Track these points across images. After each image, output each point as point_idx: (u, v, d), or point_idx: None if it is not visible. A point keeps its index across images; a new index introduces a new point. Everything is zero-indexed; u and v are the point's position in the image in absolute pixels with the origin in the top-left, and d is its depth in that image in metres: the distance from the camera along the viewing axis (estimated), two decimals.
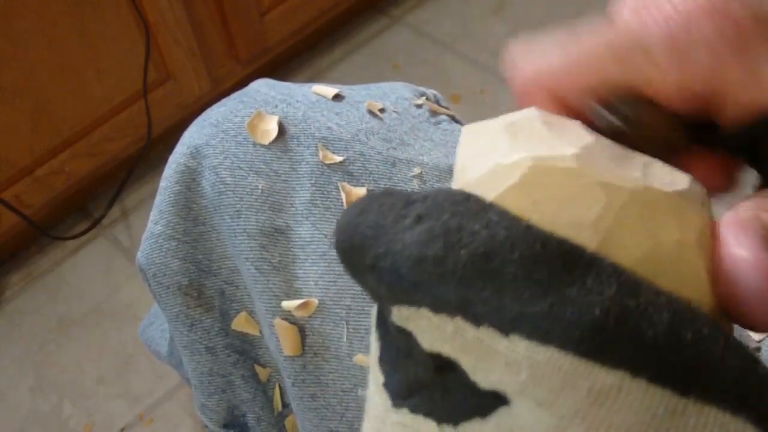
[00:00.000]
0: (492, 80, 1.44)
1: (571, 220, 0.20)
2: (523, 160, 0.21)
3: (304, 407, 0.53)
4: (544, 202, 0.20)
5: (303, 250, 0.52)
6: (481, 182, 0.21)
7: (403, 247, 0.20)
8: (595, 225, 0.20)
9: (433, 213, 0.20)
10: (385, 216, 0.21)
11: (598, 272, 0.19)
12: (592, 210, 0.20)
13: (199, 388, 0.60)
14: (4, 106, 1.06)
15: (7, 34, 1.01)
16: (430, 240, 0.19)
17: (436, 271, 0.19)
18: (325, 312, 0.51)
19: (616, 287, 0.18)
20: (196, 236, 0.56)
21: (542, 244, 0.19)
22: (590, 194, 0.20)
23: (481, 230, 0.19)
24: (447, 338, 0.20)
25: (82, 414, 1.12)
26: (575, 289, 0.18)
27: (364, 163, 0.52)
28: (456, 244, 0.19)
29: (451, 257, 0.19)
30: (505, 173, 0.21)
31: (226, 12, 1.23)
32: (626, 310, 0.18)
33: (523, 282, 0.19)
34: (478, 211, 0.20)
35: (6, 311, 1.23)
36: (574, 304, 0.18)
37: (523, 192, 0.20)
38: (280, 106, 0.55)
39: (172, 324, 0.59)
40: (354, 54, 1.51)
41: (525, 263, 0.19)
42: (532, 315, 0.18)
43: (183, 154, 0.56)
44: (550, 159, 0.21)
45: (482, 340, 0.19)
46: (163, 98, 1.23)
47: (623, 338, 0.18)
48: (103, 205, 1.29)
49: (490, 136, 0.22)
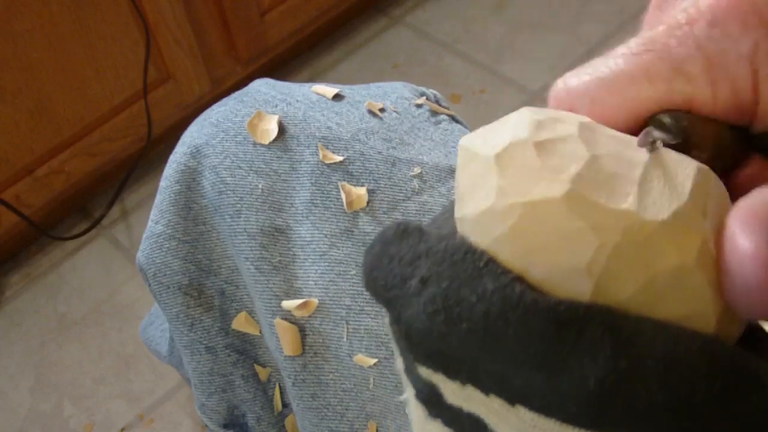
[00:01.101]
0: (492, 80, 1.44)
1: (565, 266, 0.20)
2: (513, 207, 0.21)
3: (304, 407, 0.53)
4: (536, 251, 0.20)
5: (303, 250, 0.52)
6: (477, 224, 0.21)
7: (411, 318, 0.21)
8: (589, 269, 0.20)
9: (434, 277, 0.21)
10: (394, 275, 0.22)
11: (590, 335, 0.19)
12: (584, 255, 0.20)
13: (199, 387, 0.60)
14: (4, 106, 1.06)
15: (7, 34, 1.01)
16: (434, 313, 0.20)
17: (443, 344, 0.20)
18: (325, 312, 0.51)
19: (610, 348, 0.19)
20: (196, 236, 0.56)
21: (534, 315, 0.19)
22: (581, 239, 0.20)
23: (477, 303, 0.20)
24: (464, 399, 0.21)
25: (82, 414, 1.12)
26: (570, 357, 0.19)
27: (364, 163, 0.52)
28: (456, 319, 0.20)
29: (454, 333, 0.20)
30: (496, 219, 0.21)
31: (226, 12, 1.23)
32: (620, 374, 0.18)
33: (520, 356, 0.19)
34: (474, 277, 0.20)
35: (6, 311, 1.23)
36: (570, 377, 0.19)
37: (515, 241, 0.20)
38: (280, 106, 0.55)
39: (173, 323, 0.59)
40: (354, 54, 1.51)
41: (520, 337, 0.19)
42: (532, 389, 0.19)
43: (183, 154, 0.56)
44: (540, 205, 0.20)
45: (494, 407, 0.20)
46: (163, 98, 1.23)
47: (618, 407, 0.18)
48: (103, 205, 1.29)
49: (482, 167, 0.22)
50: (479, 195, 0.22)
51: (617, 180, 0.21)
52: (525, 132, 0.22)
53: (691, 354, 0.19)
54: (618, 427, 0.19)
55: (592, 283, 0.20)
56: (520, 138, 0.22)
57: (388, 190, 0.51)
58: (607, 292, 0.20)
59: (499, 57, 1.47)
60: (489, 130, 0.23)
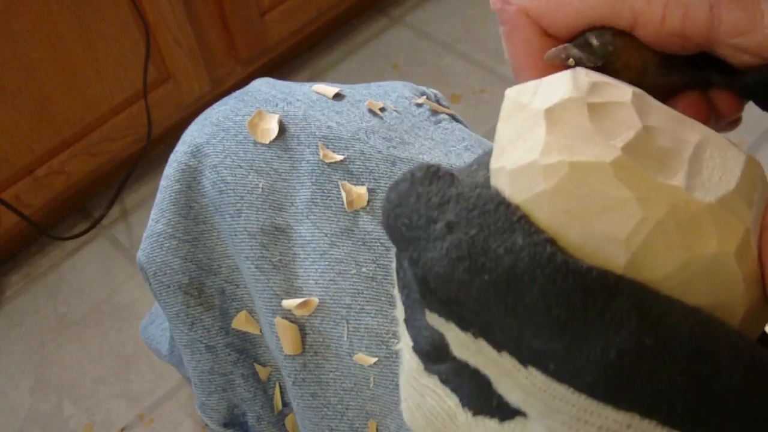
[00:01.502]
0: (492, 80, 1.44)
1: (603, 233, 0.19)
2: (559, 165, 0.20)
3: (304, 406, 0.53)
4: (577, 213, 0.20)
5: (303, 249, 0.52)
6: (517, 176, 0.21)
7: (432, 260, 0.20)
8: (627, 241, 0.19)
9: (462, 223, 0.20)
10: (420, 215, 0.21)
11: (617, 307, 0.18)
12: (625, 225, 0.19)
13: (199, 386, 0.60)
14: (4, 106, 1.06)
15: (7, 34, 1.01)
16: (457, 259, 0.20)
17: (462, 291, 0.20)
18: (326, 311, 0.51)
19: (635, 323, 0.18)
20: (196, 235, 0.56)
21: (564, 276, 0.19)
22: (626, 209, 0.19)
23: (504, 255, 0.19)
24: (472, 353, 0.21)
25: (82, 414, 1.12)
26: (594, 326, 0.18)
27: (365, 162, 0.52)
28: (480, 269, 0.19)
29: (476, 282, 0.19)
30: (539, 174, 0.20)
31: (226, 12, 1.23)
32: (642, 351, 0.18)
33: (542, 317, 0.19)
34: (504, 230, 0.20)
35: (6, 311, 1.23)
36: (591, 345, 0.18)
37: (557, 199, 0.20)
38: (281, 105, 0.55)
39: (173, 323, 0.59)
40: (354, 54, 1.51)
41: (545, 296, 0.19)
42: (549, 352, 0.19)
43: (184, 153, 0.56)
44: (587, 167, 0.20)
45: (504, 365, 0.20)
46: (163, 98, 1.23)
47: (636, 383, 0.18)
48: (103, 205, 1.29)
49: (530, 119, 0.21)
50: (522, 148, 0.21)
51: (667, 154, 0.21)
52: (579, 91, 0.21)
53: (716, 343, 0.19)
54: (631, 403, 0.18)
55: (628, 255, 0.19)
56: (573, 96, 0.21)
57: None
58: (642, 267, 0.19)
59: (499, 57, 1.47)
60: (540, 84, 0.23)
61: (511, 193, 0.21)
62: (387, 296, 0.49)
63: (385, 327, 0.49)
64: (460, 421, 0.21)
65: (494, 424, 0.21)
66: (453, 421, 0.22)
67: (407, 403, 0.23)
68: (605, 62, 0.23)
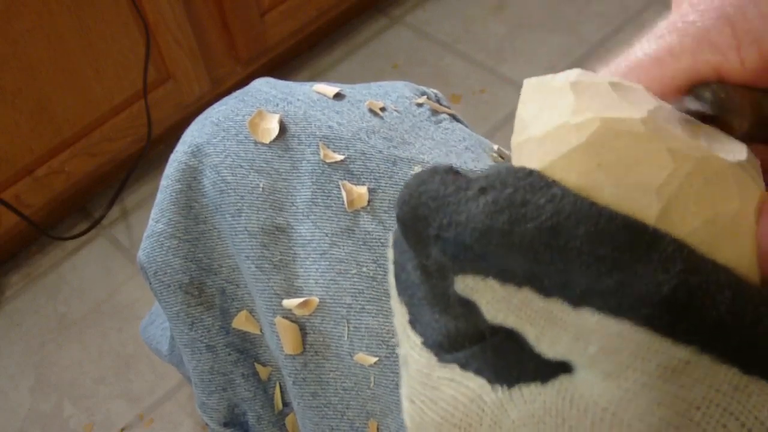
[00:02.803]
0: (492, 80, 1.44)
1: (636, 183, 0.20)
2: (590, 121, 0.20)
3: (304, 406, 0.53)
4: (610, 164, 0.20)
5: (304, 249, 0.52)
6: (546, 139, 0.21)
7: (467, 218, 0.20)
8: (660, 191, 0.20)
9: (497, 185, 0.20)
10: (447, 187, 0.21)
11: (662, 249, 0.19)
12: (658, 176, 0.20)
13: (199, 386, 0.60)
14: (4, 106, 1.06)
15: (7, 34, 1.01)
16: (495, 212, 0.20)
17: (504, 243, 0.19)
18: (326, 310, 0.51)
19: (681, 264, 0.19)
20: (197, 235, 0.56)
21: (607, 220, 0.19)
22: (657, 160, 0.20)
23: (546, 204, 0.19)
24: (513, 309, 0.20)
25: (82, 414, 1.12)
26: (642, 266, 0.19)
27: (365, 162, 0.52)
28: (522, 218, 0.19)
29: (518, 230, 0.19)
30: (571, 132, 0.21)
31: (226, 12, 1.23)
32: (692, 288, 0.18)
33: (589, 257, 0.19)
34: (542, 187, 0.20)
35: (6, 311, 1.23)
36: (642, 281, 0.18)
37: (590, 153, 0.20)
38: (281, 105, 0.55)
39: (173, 322, 0.59)
40: (354, 54, 1.51)
41: (591, 239, 0.19)
42: (601, 289, 0.19)
43: (184, 153, 0.56)
44: (618, 121, 0.20)
45: (551, 311, 0.20)
46: (163, 98, 1.23)
47: (692, 315, 0.18)
48: (103, 205, 1.29)
49: (554, 93, 0.22)
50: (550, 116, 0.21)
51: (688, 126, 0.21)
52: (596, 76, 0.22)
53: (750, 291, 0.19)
54: (689, 335, 0.18)
55: (659, 206, 0.20)
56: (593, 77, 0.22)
57: (389, 189, 0.51)
58: (672, 219, 0.20)
59: (499, 57, 1.47)
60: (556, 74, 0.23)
61: (540, 157, 0.21)
62: (387, 296, 0.49)
63: (386, 327, 0.49)
64: (489, 402, 0.21)
65: (535, 389, 0.20)
66: (478, 405, 0.21)
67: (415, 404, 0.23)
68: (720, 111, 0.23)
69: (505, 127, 1.36)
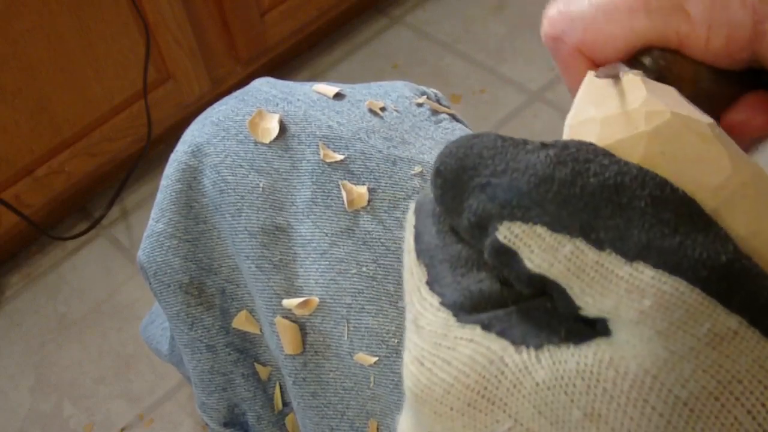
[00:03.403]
0: (492, 80, 1.44)
1: (694, 179, 0.20)
2: (662, 112, 0.21)
3: (304, 405, 0.53)
4: (673, 155, 0.20)
5: (304, 249, 0.52)
6: (612, 120, 0.21)
7: (527, 166, 0.20)
8: (715, 191, 0.20)
9: (558, 145, 0.20)
10: (505, 141, 0.21)
11: (716, 230, 0.19)
12: (716, 177, 0.20)
13: (199, 386, 0.60)
14: (4, 106, 1.06)
15: (7, 34, 1.01)
16: (558, 164, 0.20)
17: (563, 192, 0.19)
18: (326, 310, 0.51)
19: (733, 247, 0.19)
20: (197, 234, 0.56)
21: (672, 190, 0.19)
22: (718, 162, 0.20)
23: (610, 165, 0.19)
24: (560, 259, 0.20)
25: (82, 414, 1.12)
26: (701, 236, 0.19)
27: (365, 162, 0.52)
28: (585, 172, 0.19)
29: (580, 182, 0.19)
30: (640, 118, 0.21)
31: (226, 12, 1.23)
32: (745, 268, 0.19)
33: (651, 218, 0.19)
34: (605, 154, 0.20)
35: (6, 311, 1.23)
36: (702, 247, 0.19)
37: (655, 140, 0.21)
38: (281, 105, 0.55)
39: (173, 322, 0.59)
40: (354, 54, 1.51)
41: (654, 201, 0.19)
42: (661, 247, 0.19)
43: (184, 153, 0.56)
44: (688, 119, 0.21)
45: (603, 264, 0.19)
46: (163, 98, 1.23)
47: (746, 287, 0.19)
48: (103, 205, 1.29)
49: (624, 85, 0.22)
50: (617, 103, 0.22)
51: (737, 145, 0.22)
52: None
53: None
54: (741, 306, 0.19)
55: (713, 205, 0.20)
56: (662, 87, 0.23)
57: (389, 189, 0.51)
58: (721, 222, 0.20)
59: (499, 57, 1.48)
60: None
61: (603, 136, 0.21)
62: (387, 296, 0.49)
63: (386, 327, 0.49)
64: (511, 363, 0.20)
65: (566, 351, 0.20)
66: (497, 367, 0.20)
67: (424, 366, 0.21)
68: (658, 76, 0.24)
69: (505, 127, 1.36)
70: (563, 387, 0.19)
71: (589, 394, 0.19)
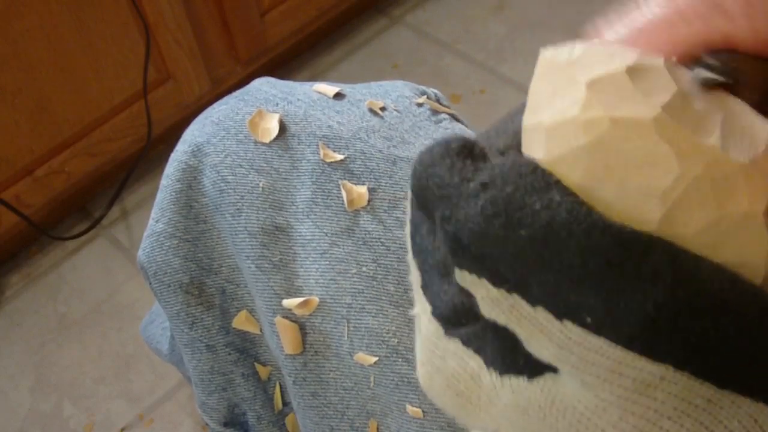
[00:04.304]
0: (492, 80, 1.44)
1: (640, 187, 0.20)
2: (600, 120, 0.20)
3: (304, 405, 0.53)
4: (616, 167, 0.20)
5: (304, 248, 0.52)
6: (555, 131, 0.21)
7: (466, 217, 0.20)
8: (664, 196, 0.20)
9: (497, 182, 0.20)
10: (453, 175, 0.21)
11: (654, 260, 0.19)
12: (663, 180, 0.20)
13: (199, 386, 0.60)
14: (4, 106, 1.06)
15: (7, 34, 1.01)
16: (492, 215, 0.20)
17: (497, 249, 0.20)
18: (326, 310, 0.51)
19: (671, 278, 0.19)
20: (197, 234, 0.56)
21: (600, 232, 0.19)
22: (664, 164, 0.20)
23: (542, 210, 0.19)
24: (504, 311, 0.21)
25: (82, 414, 1.12)
26: (631, 281, 0.19)
27: (365, 162, 0.52)
28: (517, 224, 0.20)
29: (512, 237, 0.20)
30: (580, 129, 0.21)
31: (226, 12, 1.23)
32: (677, 304, 0.19)
33: (579, 273, 0.19)
34: (541, 188, 0.20)
35: (6, 311, 1.23)
36: (628, 299, 0.19)
37: (596, 153, 0.20)
38: (281, 105, 0.55)
39: (173, 322, 0.59)
40: (354, 54, 1.51)
41: (582, 252, 0.19)
42: (587, 306, 0.19)
43: (184, 152, 0.56)
44: (627, 122, 0.20)
45: (537, 319, 0.20)
46: (163, 98, 1.23)
47: (671, 335, 0.19)
48: (103, 205, 1.29)
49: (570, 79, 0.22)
50: (561, 104, 0.21)
51: (702, 116, 0.21)
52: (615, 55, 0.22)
53: (744, 299, 0.19)
54: (666, 355, 0.19)
55: (662, 211, 0.20)
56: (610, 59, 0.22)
57: (389, 189, 0.51)
58: (675, 223, 0.20)
59: (499, 57, 1.48)
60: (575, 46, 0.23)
61: (547, 149, 0.21)
62: (387, 295, 0.49)
63: (386, 326, 0.49)
64: (485, 382, 0.22)
65: (522, 382, 0.21)
66: (476, 383, 0.22)
67: (425, 367, 0.23)
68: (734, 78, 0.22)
69: None
70: (521, 414, 0.21)
71: (541, 423, 0.21)
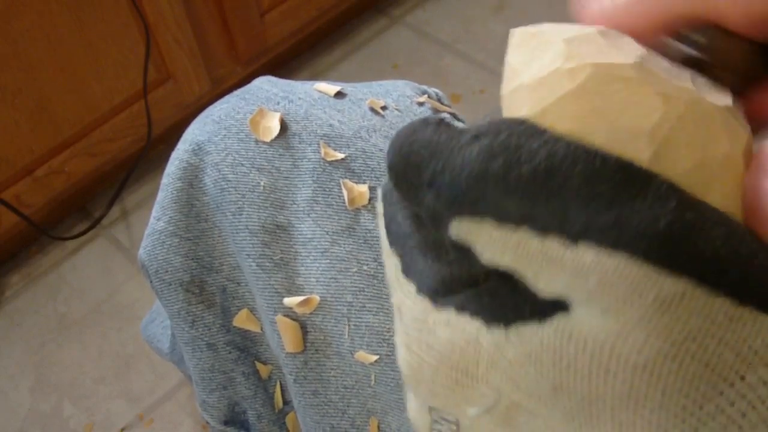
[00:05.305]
0: (492, 80, 1.44)
1: (628, 127, 0.20)
2: (582, 66, 0.21)
3: (305, 404, 0.53)
4: (603, 109, 0.20)
5: (305, 247, 0.52)
6: (538, 86, 0.21)
7: (462, 163, 0.20)
8: (652, 134, 0.20)
9: (491, 131, 0.20)
10: (440, 135, 0.21)
11: (657, 187, 0.19)
12: (649, 119, 0.20)
13: (200, 384, 0.60)
14: (4, 106, 1.06)
15: (7, 34, 1.01)
16: (490, 157, 0.20)
17: (500, 185, 0.20)
18: (327, 309, 0.51)
19: (676, 201, 0.19)
20: (197, 233, 0.56)
21: (602, 160, 0.19)
22: (649, 103, 0.20)
23: (540, 148, 0.20)
24: (510, 249, 0.20)
25: (82, 414, 1.12)
26: (638, 203, 0.19)
27: (366, 161, 0.52)
28: (517, 161, 0.20)
29: (514, 173, 0.19)
30: (563, 78, 0.21)
31: (226, 12, 1.23)
32: (688, 224, 0.19)
33: (586, 195, 0.19)
34: (534, 133, 0.20)
35: (6, 311, 1.23)
36: (640, 216, 0.19)
37: (583, 98, 0.20)
38: (282, 103, 0.55)
39: (174, 320, 0.59)
40: (354, 54, 1.51)
41: (587, 177, 0.19)
42: (599, 225, 0.19)
43: (185, 151, 0.56)
44: (610, 66, 0.21)
45: (548, 250, 0.20)
46: (163, 98, 1.23)
47: (688, 249, 0.19)
48: (103, 205, 1.29)
49: (545, 42, 0.22)
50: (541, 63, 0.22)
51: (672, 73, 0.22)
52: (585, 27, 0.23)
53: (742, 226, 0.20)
54: (685, 268, 0.19)
55: (652, 149, 0.20)
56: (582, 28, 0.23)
57: None
58: (664, 162, 0.20)
59: (499, 57, 1.48)
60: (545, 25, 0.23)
61: (532, 104, 0.21)
62: (388, 294, 0.49)
63: (387, 325, 0.49)
64: (485, 343, 0.21)
65: (533, 328, 0.20)
66: (474, 348, 0.21)
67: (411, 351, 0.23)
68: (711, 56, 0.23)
69: None
70: (532, 363, 0.20)
71: (555, 368, 0.20)
